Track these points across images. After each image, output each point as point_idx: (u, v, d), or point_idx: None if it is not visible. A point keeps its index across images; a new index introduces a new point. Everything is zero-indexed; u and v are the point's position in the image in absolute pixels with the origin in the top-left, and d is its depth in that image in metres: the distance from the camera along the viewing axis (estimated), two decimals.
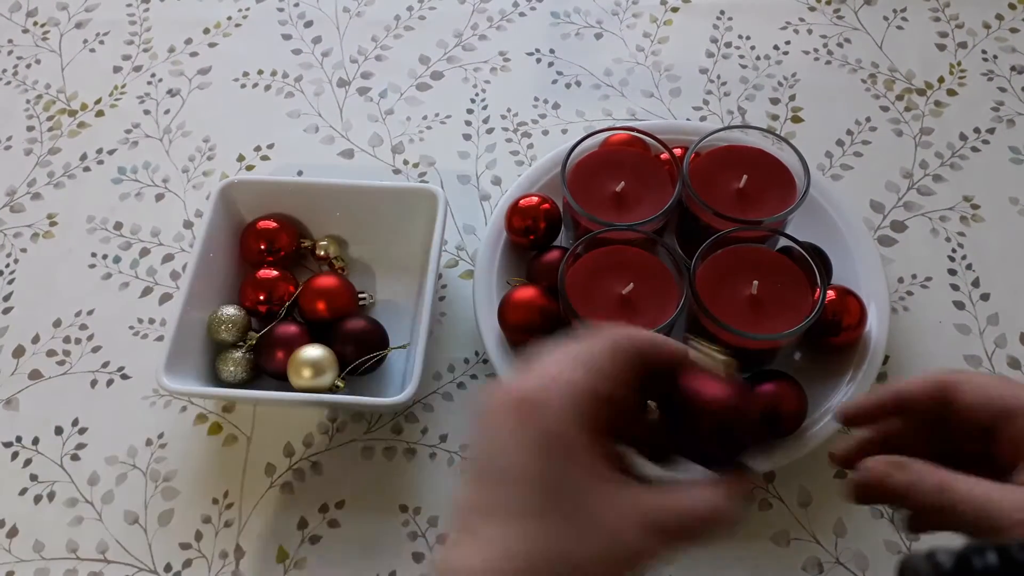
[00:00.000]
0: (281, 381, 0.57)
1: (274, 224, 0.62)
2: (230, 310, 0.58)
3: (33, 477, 0.58)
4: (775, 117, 0.72)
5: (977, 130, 0.70)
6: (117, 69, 0.78)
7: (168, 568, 0.54)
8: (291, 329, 0.58)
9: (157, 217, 0.69)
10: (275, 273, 0.60)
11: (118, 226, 0.68)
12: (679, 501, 0.32)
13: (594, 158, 0.58)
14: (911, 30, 0.76)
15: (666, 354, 0.35)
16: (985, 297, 0.62)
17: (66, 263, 0.67)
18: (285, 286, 0.60)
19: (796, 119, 0.72)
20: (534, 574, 0.29)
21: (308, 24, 0.80)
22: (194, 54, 0.78)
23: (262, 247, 0.61)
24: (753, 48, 0.76)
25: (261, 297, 0.59)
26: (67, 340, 0.63)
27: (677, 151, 0.59)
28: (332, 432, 0.58)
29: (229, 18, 0.80)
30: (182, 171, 0.71)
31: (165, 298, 0.64)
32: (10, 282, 0.66)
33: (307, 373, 0.55)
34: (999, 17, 0.76)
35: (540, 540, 0.29)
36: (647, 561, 0.31)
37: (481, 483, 0.32)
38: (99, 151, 0.73)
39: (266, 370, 0.58)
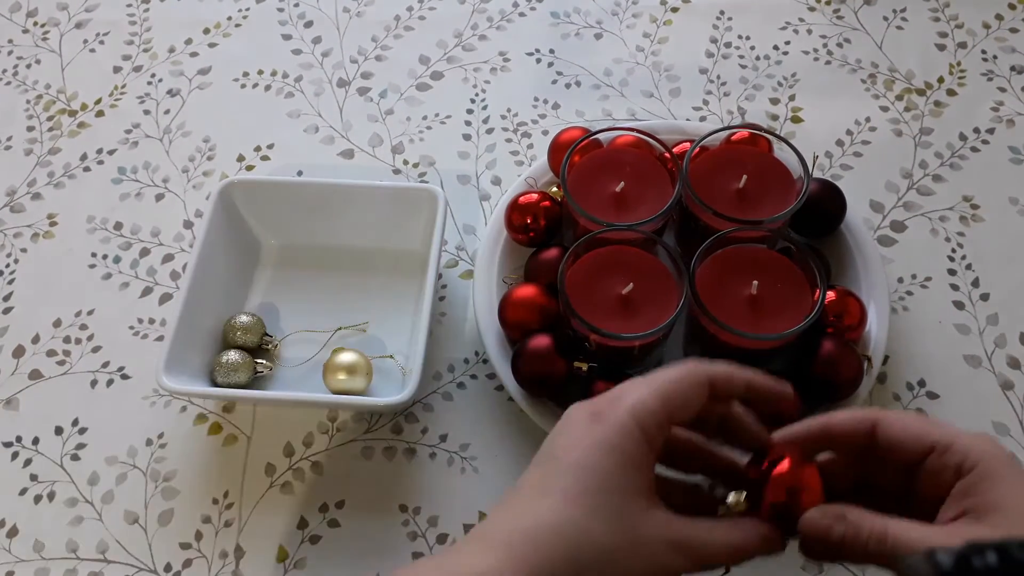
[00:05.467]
0: None
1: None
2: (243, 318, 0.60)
3: (33, 477, 0.58)
4: (775, 117, 0.72)
5: (977, 130, 0.70)
6: (117, 69, 0.78)
7: (168, 568, 0.54)
8: None
9: (157, 217, 0.69)
10: None
11: (118, 226, 0.68)
12: (709, 532, 0.35)
13: (594, 158, 0.58)
14: (911, 30, 0.76)
15: (737, 383, 0.37)
16: (985, 297, 0.62)
17: (66, 263, 0.67)
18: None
19: (796, 119, 0.72)
20: (569, 555, 0.32)
21: (308, 24, 0.80)
22: (194, 54, 0.78)
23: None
24: (753, 48, 0.76)
25: None
26: (67, 340, 0.63)
27: (677, 151, 0.59)
28: (332, 432, 0.58)
29: (229, 18, 0.80)
30: (182, 171, 0.71)
31: (165, 298, 0.64)
32: (10, 282, 0.66)
33: (342, 376, 0.56)
34: (999, 17, 0.76)
35: (582, 525, 0.33)
36: None
37: (545, 467, 0.35)
38: (99, 151, 0.73)
39: None
